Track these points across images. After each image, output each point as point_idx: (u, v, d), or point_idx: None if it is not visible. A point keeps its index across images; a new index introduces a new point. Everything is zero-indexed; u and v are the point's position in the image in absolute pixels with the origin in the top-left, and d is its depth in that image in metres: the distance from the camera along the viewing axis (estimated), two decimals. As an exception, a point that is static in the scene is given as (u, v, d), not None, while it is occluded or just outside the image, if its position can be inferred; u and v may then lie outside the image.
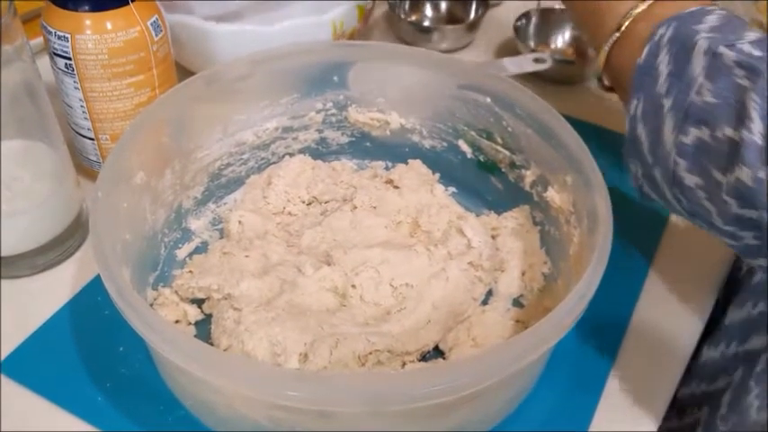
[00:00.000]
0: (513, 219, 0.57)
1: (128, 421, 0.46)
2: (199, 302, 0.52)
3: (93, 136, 0.60)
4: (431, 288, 0.51)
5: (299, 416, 0.40)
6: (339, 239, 0.54)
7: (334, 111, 0.61)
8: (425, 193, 0.58)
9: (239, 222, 0.56)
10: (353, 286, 0.50)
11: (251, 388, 0.36)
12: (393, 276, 0.51)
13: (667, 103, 0.42)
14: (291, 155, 0.62)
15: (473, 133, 0.58)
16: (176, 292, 0.52)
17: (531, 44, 0.80)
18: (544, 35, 0.82)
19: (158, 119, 0.52)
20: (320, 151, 0.63)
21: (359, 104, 0.61)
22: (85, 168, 0.63)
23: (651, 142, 0.44)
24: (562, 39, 0.82)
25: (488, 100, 0.55)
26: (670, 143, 0.42)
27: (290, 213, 0.58)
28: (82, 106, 0.58)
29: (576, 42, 0.82)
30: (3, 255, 0.54)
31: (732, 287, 0.59)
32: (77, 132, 0.60)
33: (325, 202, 0.60)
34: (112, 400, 0.47)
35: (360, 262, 0.51)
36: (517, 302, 0.54)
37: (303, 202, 0.59)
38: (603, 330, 0.52)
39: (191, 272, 0.53)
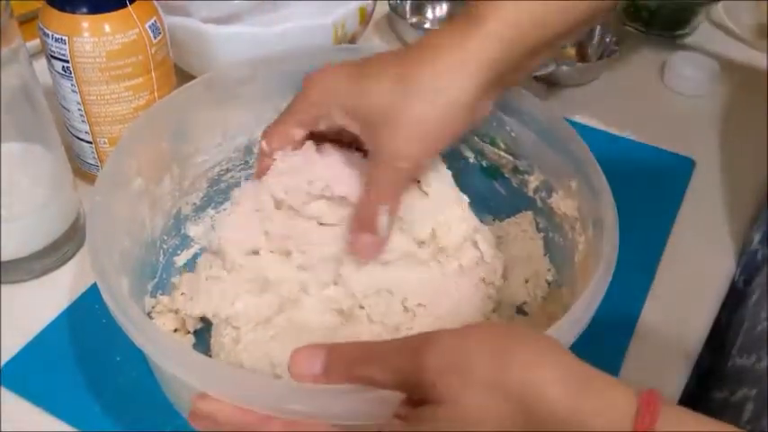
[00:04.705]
0: (516, 225, 0.56)
1: (125, 431, 0.46)
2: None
3: (91, 139, 0.59)
4: (442, 306, 0.49)
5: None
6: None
7: (335, 115, 0.60)
8: (450, 204, 0.52)
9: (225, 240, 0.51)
10: (362, 307, 0.48)
11: (250, 400, 0.36)
12: (405, 296, 0.48)
13: None
14: None
15: (476, 138, 0.58)
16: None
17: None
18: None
19: (157, 123, 0.51)
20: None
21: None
22: (83, 172, 0.62)
23: None
24: (564, 41, 0.81)
25: (491, 104, 0.54)
26: None
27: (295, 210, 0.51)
28: (80, 109, 0.57)
29: (578, 45, 0.81)
30: (1, 259, 0.53)
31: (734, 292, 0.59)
32: (75, 136, 0.60)
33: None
34: (110, 410, 0.47)
35: (371, 283, 0.48)
36: (521, 310, 0.53)
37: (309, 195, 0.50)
38: (611, 332, 0.51)
39: (183, 294, 0.51)
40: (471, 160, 0.59)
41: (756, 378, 0.49)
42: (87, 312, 0.52)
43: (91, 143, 0.59)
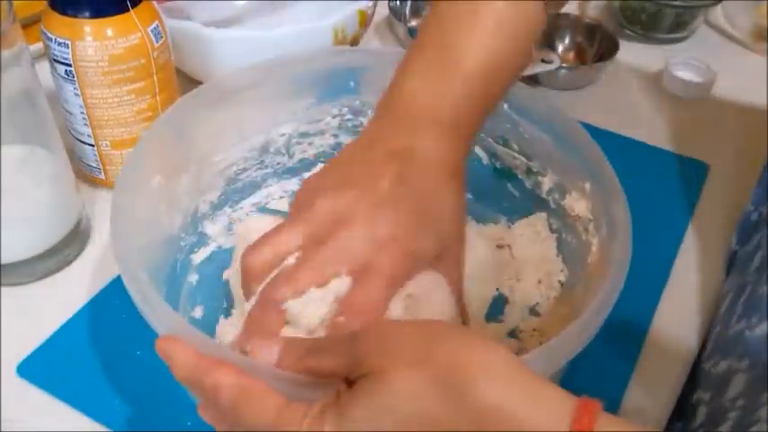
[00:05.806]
0: (529, 226, 0.56)
1: (145, 424, 0.46)
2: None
3: (93, 142, 0.59)
4: (432, 299, 0.49)
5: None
6: None
7: (349, 116, 0.60)
8: None
9: None
10: None
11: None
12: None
13: None
14: (306, 159, 0.61)
15: (489, 139, 0.57)
16: None
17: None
18: (545, 39, 0.81)
19: (175, 123, 0.51)
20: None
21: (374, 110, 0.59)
22: (85, 175, 0.62)
23: None
24: (563, 43, 0.82)
25: (505, 106, 0.54)
26: None
27: None
28: (82, 113, 0.57)
29: (577, 47, 0.81)
30: (3, 262, 0.53)
31: None
32: (77, 139, 0.59)
33: None
34: (130, 403, 0.47)
35: None
36: (534, 311, 0.53)
37: None
38: (623, 335, 0.52)
39: None
40: (485, 161, 0.59)
41: (712, 383, 0.49)
42: (105, 310, 0.53)
43: (93, 146, 0.59)
